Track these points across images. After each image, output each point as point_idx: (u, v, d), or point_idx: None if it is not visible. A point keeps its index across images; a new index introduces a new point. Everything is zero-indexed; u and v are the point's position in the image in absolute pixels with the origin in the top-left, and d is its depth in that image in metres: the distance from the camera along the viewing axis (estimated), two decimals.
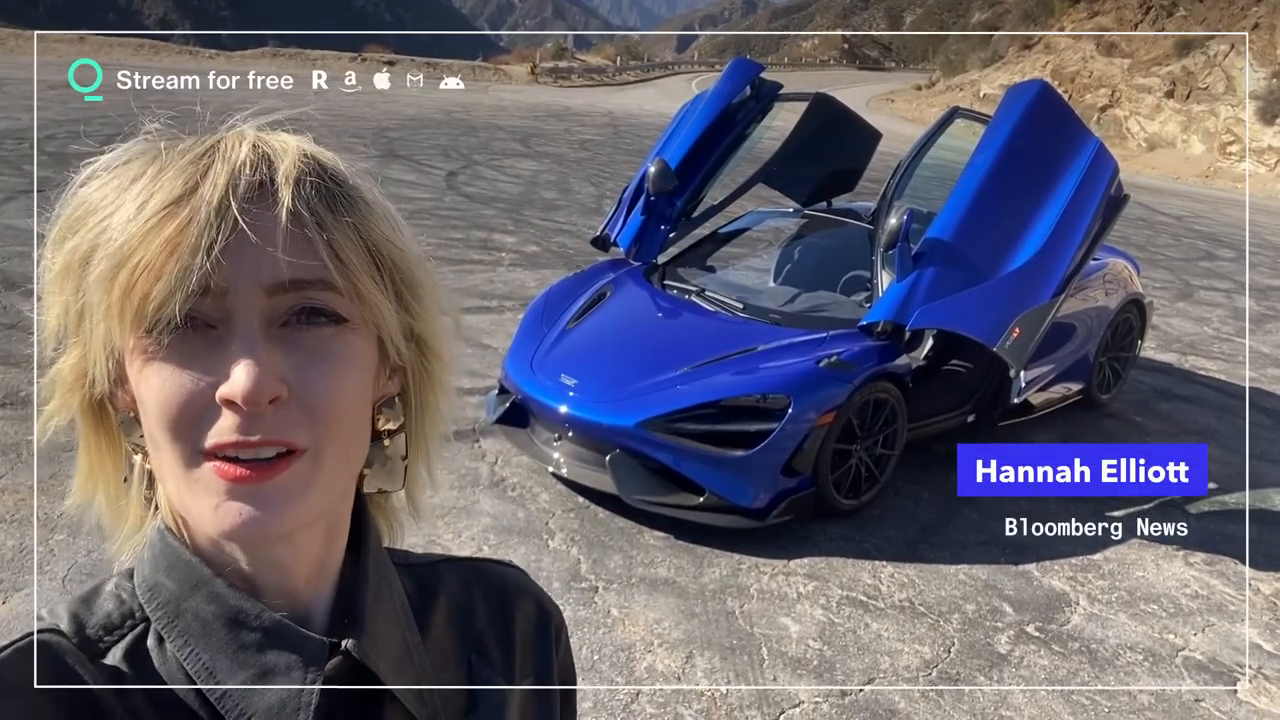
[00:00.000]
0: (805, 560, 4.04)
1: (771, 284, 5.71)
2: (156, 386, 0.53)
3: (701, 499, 4.04)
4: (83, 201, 0.55)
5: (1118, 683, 3.40)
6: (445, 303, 0.65)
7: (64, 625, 0.57)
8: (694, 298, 5.06)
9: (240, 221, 0.52)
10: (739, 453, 4.02)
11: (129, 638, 0.57)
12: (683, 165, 5.40)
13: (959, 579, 4.01)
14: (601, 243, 5.68)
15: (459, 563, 0.75)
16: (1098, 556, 4.29)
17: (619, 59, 42.01)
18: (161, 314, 0.51)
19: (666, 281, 5.26)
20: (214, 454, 0.53)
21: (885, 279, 4.52)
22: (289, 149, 0.56)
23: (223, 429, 0.52)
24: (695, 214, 5.70)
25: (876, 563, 4.08)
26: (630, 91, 31.88)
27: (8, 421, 4.51)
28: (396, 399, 0.64)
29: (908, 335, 4.56)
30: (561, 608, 3.06)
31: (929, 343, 5.07)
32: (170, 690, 0.56)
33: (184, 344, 0.52)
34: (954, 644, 3.55)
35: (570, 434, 4.25)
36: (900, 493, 4.73)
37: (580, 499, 4.33)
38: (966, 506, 4.66)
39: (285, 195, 0.54)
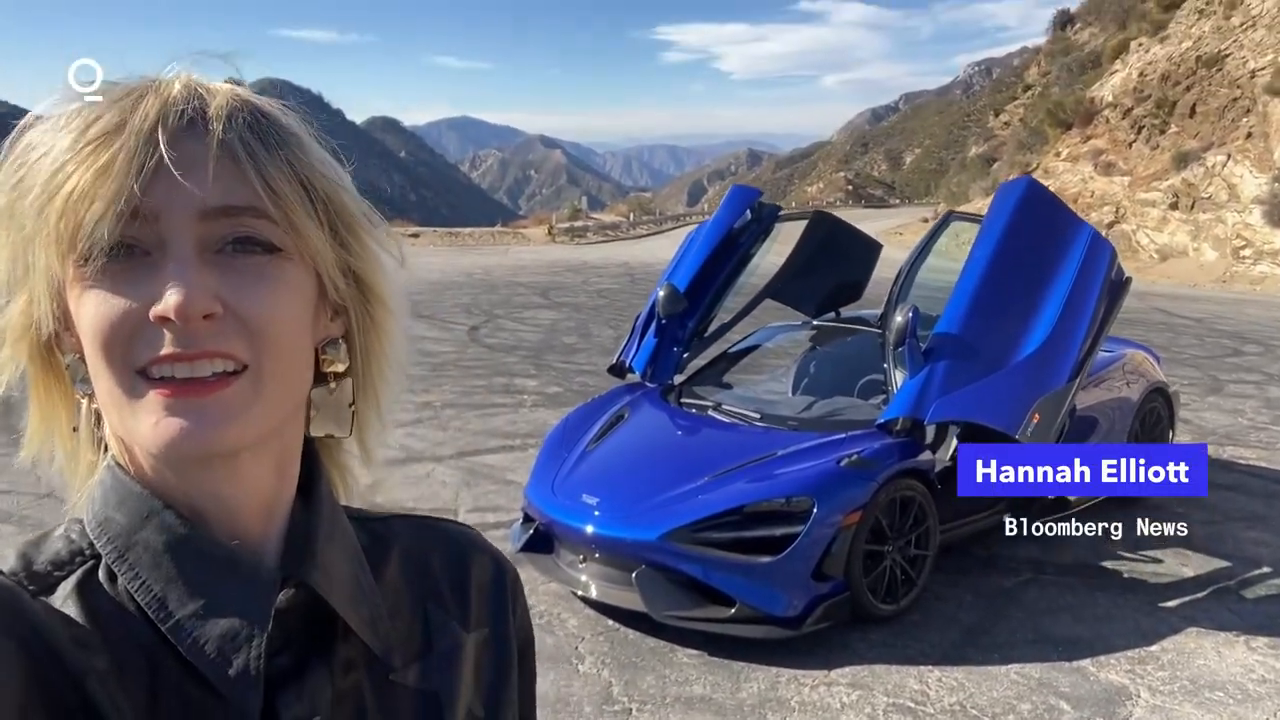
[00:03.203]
0: (847, 669, 3.88)
1: (789, 395, 5.74)
2: (92, 310, 0.54)
3: (733, 610, 3.93)
4: (23, 145, 0.56)
5: None
6: (388, 246, 0.66)
7: (10, 565, 0.57)
8: (711, 412, 5.09)
9: (170, 147, 0.54)
10: (766, 559, 3.93)
11: (78, 573, 0.57)
12: (691, 288, 5.54)
13: (1011, 679, 3.82)
14: (618, 370, 5.77)
15: (413, 518, 0.75)
16: (1155, 648, 4.09)
17: (632, 214, 43.60)
18: (95, 237, 0.52)
19: (683, 400, 5.30)
20: (152, 375, 0.54)
21: (898, 377, 4.53)
22: (222, 89, 0.58)
23: (158, 344, 0.53)
24: (707, 333, 5.80)
25: (922, 668, 3.91)
26: (644, 243, 32.94)
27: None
28: (341, 342, 0.64)
29: (929, 431, 4.54)
30: None
31: (953, 441, 5.03)
32: (121, 623, 0.56)
33: (119, 269, 0.53)
34: None
35: (596, 554, 4.20)
36: (941, 596, 4.57)
37: (610, 621, 4.22)
38: (1012, 606, 4.50)
39: (217, 127, 0.55)
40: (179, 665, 0.56)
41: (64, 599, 0.56)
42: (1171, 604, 4.53)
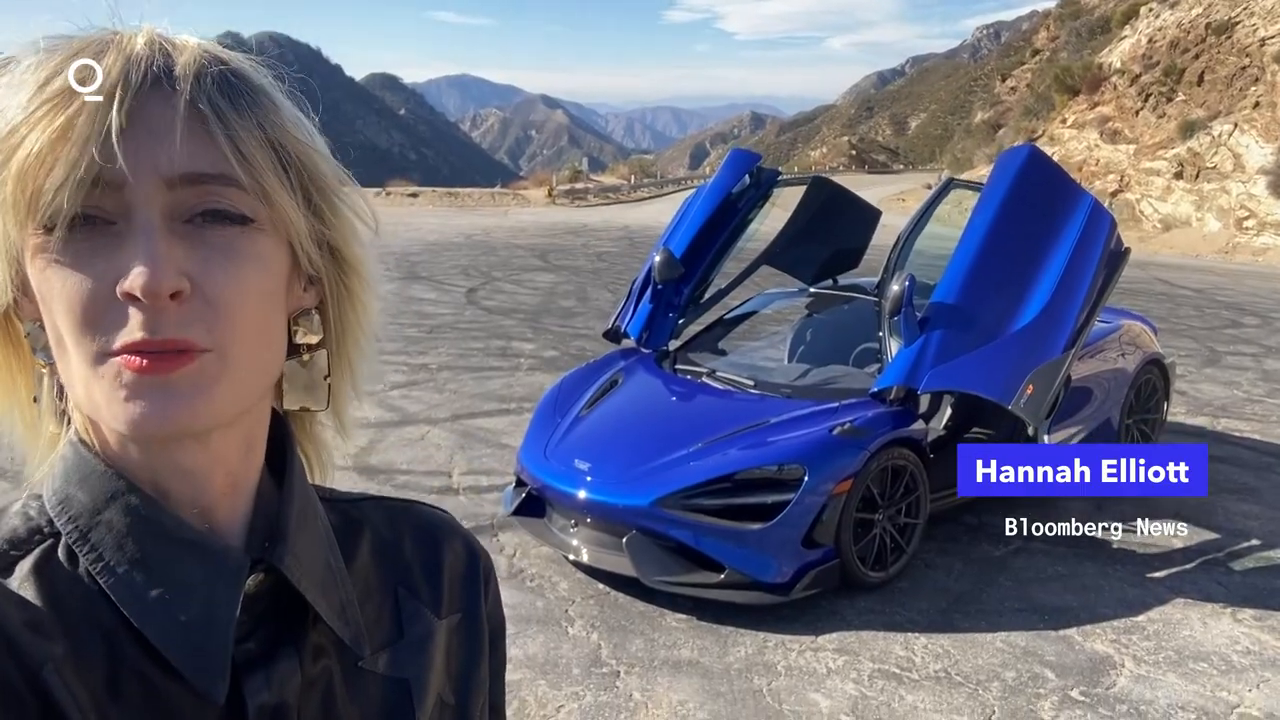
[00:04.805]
0: (834, 635, 3.91)
1: (785, 363, 5.72)
2: (59, 286, 0.51)
3: (722, 576, 3.95)
4: None
5: None
6: (363, 214, 0.63)
7: None
8: (705, 379, 5.08)
9: (134, 109, 0.51)
10: (757, 526, 3.95)
11: (36, 553, 0.55)
12: (688, 253, 5.50)
13: (996, 647, 3.85)
14: (613, 334, 5.75)
15: (386, 501, 0.74)
16: (1141, 618, 4.12)
17: (633, 177, 43.26)
18: (56, 206, 0.49)
19: (677, 366, 5.29)
20: (119, 355, 0.51)
21: (893, 345, 4.51)
22: (189, 45, 0.55)
23: (128, 329, 0.51)
24: (703, 299, 5.77)
25: (909, 634, 3.94)
26: (645, 207, 32.72)
27: None
28: (315, 312, 0.63)
29: (924, 401, 4.53)
30: (581, 694, 3.03)
31: (947, 411, 5.02)
32: (81, 606, 0.54)
33: (84, 241, 0.51)
34: (994, 712, 3.39)
35: (587, 519, 4.21)
36: (931, 564, 4.60)
37: (600, 585, 4.25)
38: (1001, 575, 4.52)
39: (184, 87, 0.52)
40: (141, 650, 0.54)
41: (21, 580, 0.54)
42: (1159, 575, 4.55)
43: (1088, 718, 3.35)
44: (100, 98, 0.51)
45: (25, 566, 0.54)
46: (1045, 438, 4.77)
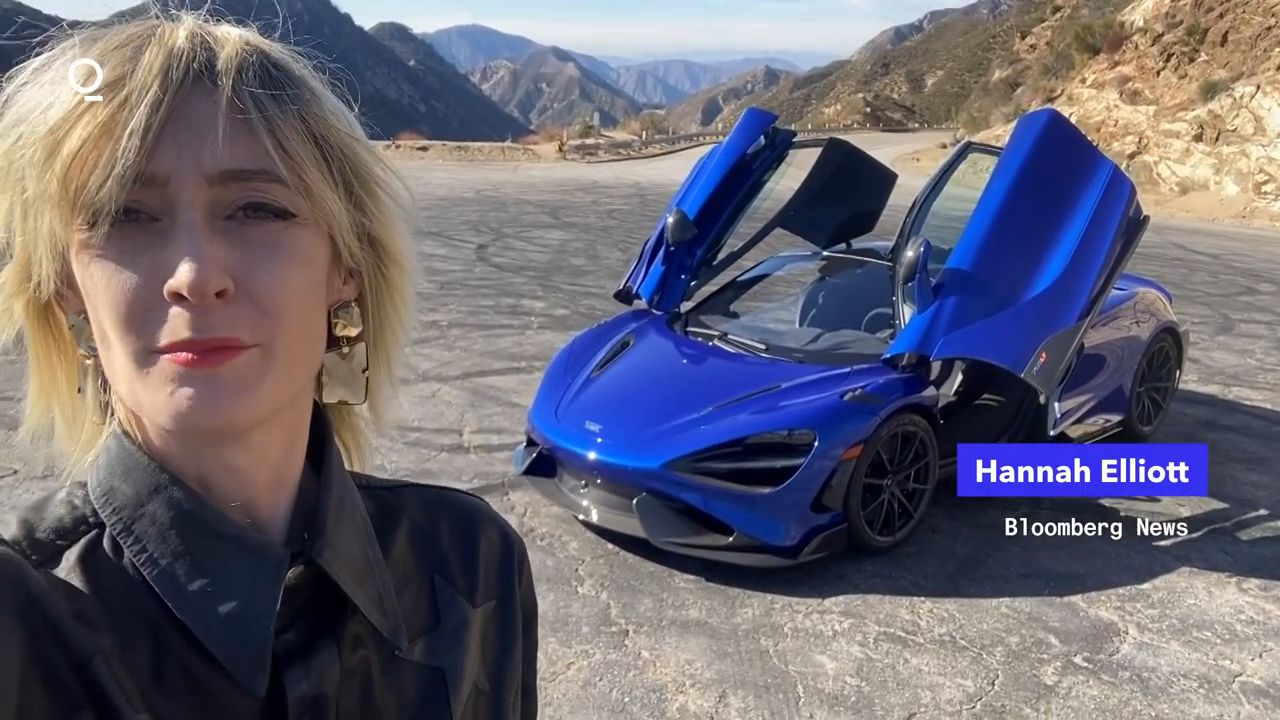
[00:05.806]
0: (840, 598, 3.95)
1: (796, 327, 5.71)
2: (103, 283, 0.52)
3: (731, 539, 3.99)
4: (21, 100, 0.53)
5: (1172, 710, 3.25)
6: (404, 202, 0.63)
7: (12, 532, 0.55)
8: (717, 342, 5.07)
9: (176, 105, 0.51)
10: (766, 490, 3.97)
11: (82, 543, 0.56)
12: (701, 215, 5.46)
13: (1001, 612, 3.89)
14: (625, 295, 5.74)
15: (422, 488, 0.75)
16: (1146, 586, 4.15)
17: (644, 133, 42.86)
18: (100, 202, 0.50)
19: (689, 328, 5.29)
20: (166, 353, 0.52)
21: (907, 312, 4.50)
22: (231, 37, 0.55)
23: (174, 328, 0.51)
24: (715, 261, 5.74)
25: (915, 598, 3.98)
26: (656, 163, 32.47)
27: None
28: (354, 304, 0.63)
29: (935, 367, 4.52)
30: (591, 652, 3.07)
31: (959, 376, 5.02)
32: (126, 596, 0.55)
33: (127, 237, 0.51)
34: (998, 676, 3.43)
35: (598, 480, 4.24)
36: (938, 529, 4.63)
37: (610, 545, 4.30)
38: (1008, 542, 4.55)
39: (226, 81, 0.52)
40: (185, 641, 0.55)
41: (69, 570, 0.55)
42: (1166, 543, 4.57)
43: (1090, 684, 3.39)
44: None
45: (72, 556, 0.55)
46: (1056, 405, 4.77)
